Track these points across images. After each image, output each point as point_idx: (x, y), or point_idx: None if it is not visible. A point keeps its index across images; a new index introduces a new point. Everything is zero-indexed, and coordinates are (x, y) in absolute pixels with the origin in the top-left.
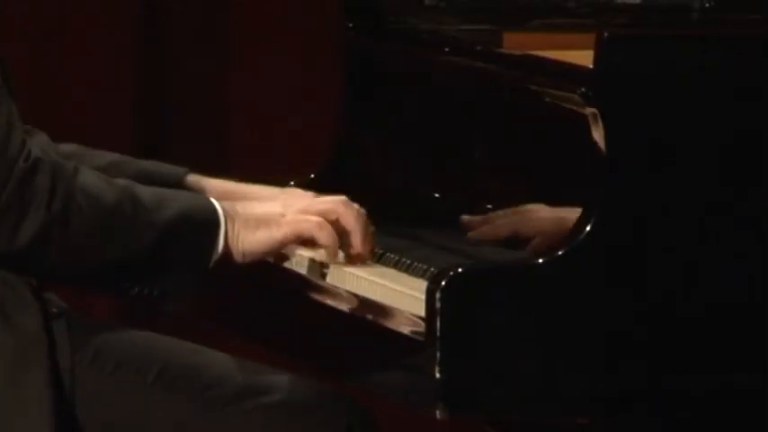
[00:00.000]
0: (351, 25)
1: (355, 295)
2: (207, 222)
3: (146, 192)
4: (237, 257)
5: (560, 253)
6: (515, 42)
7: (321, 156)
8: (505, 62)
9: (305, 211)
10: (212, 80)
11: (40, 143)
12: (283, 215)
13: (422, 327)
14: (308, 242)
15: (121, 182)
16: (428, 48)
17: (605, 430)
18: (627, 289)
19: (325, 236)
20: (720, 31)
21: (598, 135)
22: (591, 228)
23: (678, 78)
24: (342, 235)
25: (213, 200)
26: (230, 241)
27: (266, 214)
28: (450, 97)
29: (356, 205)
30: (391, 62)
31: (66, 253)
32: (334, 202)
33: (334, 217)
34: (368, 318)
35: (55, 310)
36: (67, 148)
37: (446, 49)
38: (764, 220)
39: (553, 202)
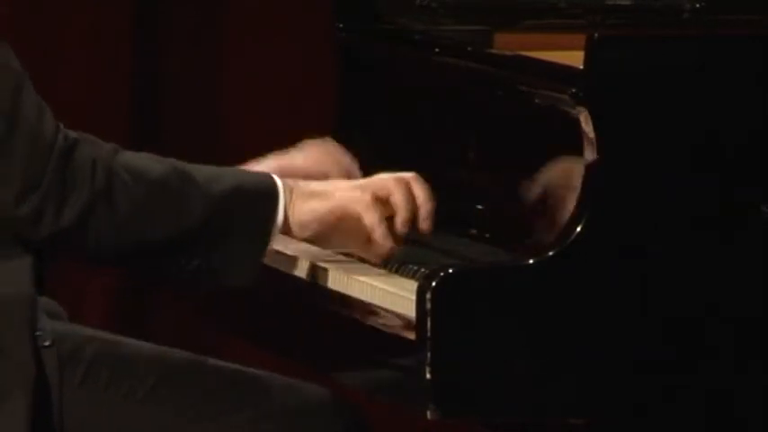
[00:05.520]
0: (342, 25)
1: (346, 296)
2: (264, 193)
3: (197, 168)
4: (294, 229)
5: (551, 253)
6: (506, 43)
7: None
8: (497, 62)
9: (360, 187)
10: (208, 80)
11: None
12: (339, 189)
13: (413, 328)
14: (354, 225)
15: (170, 159)
16: (419, 48)
17: (597, 431)
18: (618, 289)
19: (370, 216)
20: (711, 32)
21: (589, 136)
22: (582, 228)
23: (669, 79)
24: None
25: (272, 173)
26: (288, 212)
27: (321, 186)
28: (440, 98)
29: (416, 184)
30: (383, 62)
31: (114, 229)
32: (385, 179)
33: (384, 194)
34: (359, 318)
35: (47, 343)
36: None
37: (437, 50)
38: (759, 221)
39: (544, 202)
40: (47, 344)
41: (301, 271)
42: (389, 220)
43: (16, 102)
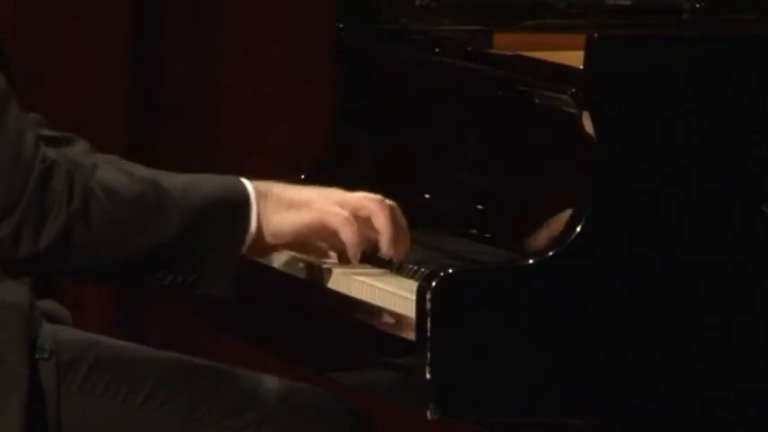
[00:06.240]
0: (342, 25)
1: (346, 296)
2: (237, 203)
3: (172, 180)
4: (268, 238)
5: (551, 254)
6: (506, 43)
7: (313, 156)
8: (496, 63)
9: (339, 203)
10: (208, 80)
11: (78, 152)
12: (318, 201)
13: (413, 328)
14: (329, 239)
15: (145, 173)
16: (419, 48)
17: (597, 431)
18: (618, 289)
19: (349, 233)
20: (711, 32)
21: (589, 136)
22: (581, 228)
23: (669, 79)
24: (371, 233)
25: (244, 180)
26: (262, 222)
27: (298, 197)
28: (440, 98)
29: (393, 206)
30: (383, 62)
31: (92, 250)
32: (368, 199)
33: (365, 213)
34: (359, 318)
35: (46, 355)
36: (104, 158)
37: (437, 50)
38: (760, 221)
39: (544, 202)
40: (45, 355)
41: (301, 271)
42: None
43: None
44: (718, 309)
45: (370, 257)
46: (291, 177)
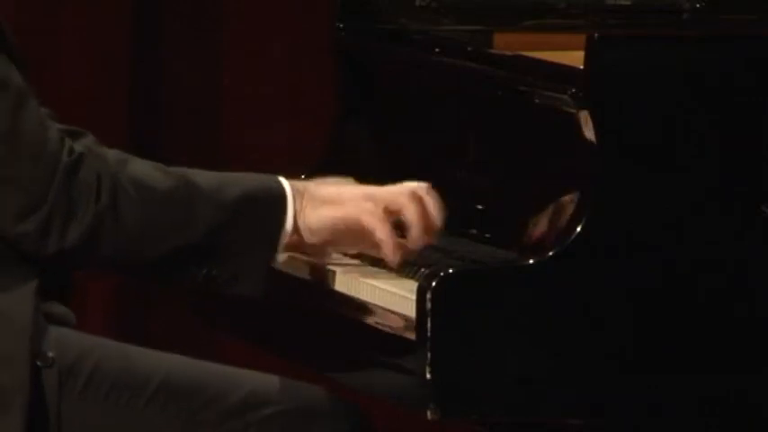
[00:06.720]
0: (342, 25)
1: (346, 296)
2: (272, 201)
3: (204, 176)
4: (306, 235)
5: (551, 254)
6: (506, 43)
7: (314, 156)
8: (496, 63)
9: (370, 197)
10: (208, 80)
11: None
12: (351, 197)
13: (413, 328)
14: (364, 237)
15: (177, 169)
16: (419, 48)
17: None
18: (618, 289)
19: (382, 232)
20: (711, 32)
21: (589, 136)
22: (582, 228)
23: (669, 79)
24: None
25: (281, 178)
26: (298, 219)
27: (333, 193)
28: (440, 98)
29: (427, 198)
30: (383, 62)
31: (122, 244)
32: (401, 194)
33: (396, 208)
34: (359, 318)
35: (49, 362)
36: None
37: (437, 50)
38: (760, 221)
39: (544, 202)
40: (48, 363)
41: (301, 271)
42: (399, 228)
43: (16, 121)
44: (719, 309)
45: (373, 258)
46: (291, 177)
